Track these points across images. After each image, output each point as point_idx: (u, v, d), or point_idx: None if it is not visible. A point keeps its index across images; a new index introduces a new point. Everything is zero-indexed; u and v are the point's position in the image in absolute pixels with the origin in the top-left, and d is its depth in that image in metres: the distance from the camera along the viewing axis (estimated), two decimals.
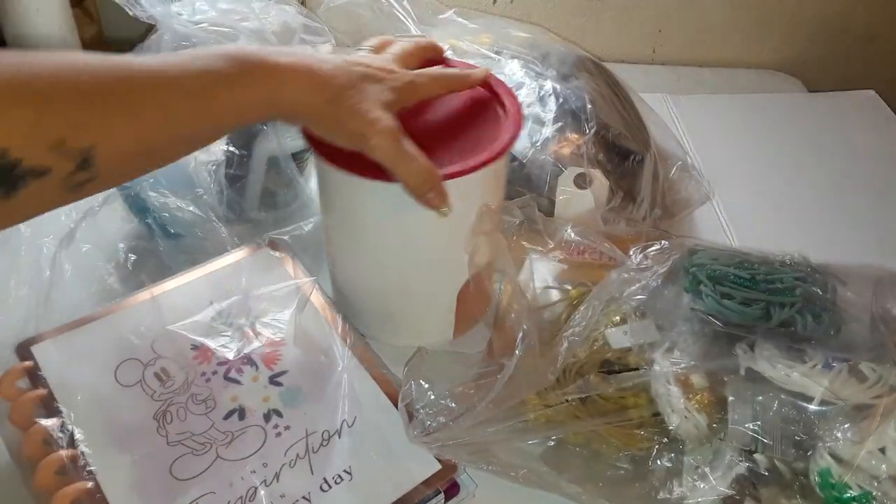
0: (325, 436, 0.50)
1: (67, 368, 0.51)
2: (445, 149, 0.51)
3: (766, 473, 0.47)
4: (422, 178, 0.47)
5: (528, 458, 0.50)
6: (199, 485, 0.46)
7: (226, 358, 0.53)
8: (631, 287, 0.53)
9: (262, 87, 0.43)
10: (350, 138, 0.47)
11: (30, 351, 0.52)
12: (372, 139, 0.46)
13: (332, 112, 0.46)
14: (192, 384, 0.52)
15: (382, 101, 0.47)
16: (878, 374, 0.47)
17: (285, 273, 0.59)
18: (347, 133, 0.47)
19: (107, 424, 0.49)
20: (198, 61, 0.42)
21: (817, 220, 0.79)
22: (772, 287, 0.52)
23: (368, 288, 0.58)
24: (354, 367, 0.54)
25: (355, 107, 0.46)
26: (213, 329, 0.55)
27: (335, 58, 0.48)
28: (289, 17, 0.64)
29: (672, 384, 0.49)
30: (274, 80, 0.44)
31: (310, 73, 0.45)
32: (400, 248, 0.54)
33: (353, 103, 0.46)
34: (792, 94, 1.04)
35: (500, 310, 0.56)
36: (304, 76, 0.45)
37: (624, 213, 0.66)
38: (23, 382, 0.50)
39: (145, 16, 0.59)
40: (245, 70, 0.43)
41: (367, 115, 0.46)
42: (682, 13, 1.06)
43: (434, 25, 0.79)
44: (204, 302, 0.57)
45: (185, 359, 0.53)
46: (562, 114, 0.69)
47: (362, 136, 0.46)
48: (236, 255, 0.60)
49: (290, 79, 0.44)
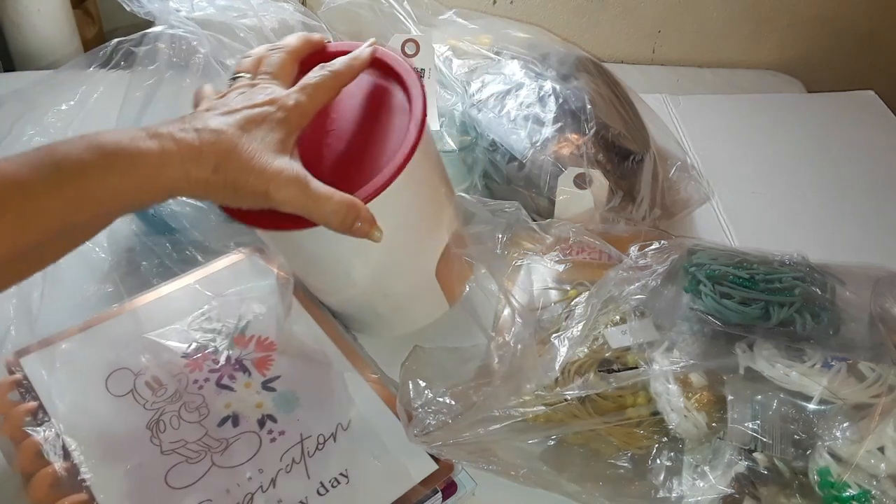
0: (320, 440, 0.50)
1: (57, 380, 0.50)
2: (358, 161, 0.49)
3: (765, 472, 0.47)
4: (342, 215, 0.44)
5: (528, 458, 0.50)
6: (195, 493, 0.46)
7: (218, 365, 0.53)
8: (630, 286, 0.53)
9: (131, 178, 0.39)
10: (253, 199, 0.43)
11: (19, 363, 0.51)
12: (277, 195, 0.43)
13: (222, 180, 0.42)
14: (184, 392, 0.51)
15: (274, 144, 0.43)
16: (876, 374, 0.47)
17: (276, 278, 0.59)
18: (248, 195, 0.43)
19: (99, 435, 0.48)
20: (57, 153, 0.38)
21: (816, 220, 0.79)
22: (771, 287, 0.52)
23: (350, 304, 0.58)
24: (348, 370, 0.54)
25: (247, 165, 0.42)
26: (204, 336, 0.55)
27: (207, 115, 0.43)
28: (287, 15, 0.64)
29: (671, 383, 0.49)
30: (140, 169, 0.39)
31: (179, 149, 0.40)
32: (363, 265, 0.53)
33: (242, 162, 0.42)
34: (791, 94, 1.04)
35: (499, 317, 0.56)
36: (174, 156, 0.40)
37: (624, 213, 0.66)
38: (14, 395, 0.50)
39: (143, 11, 0.59)
40: (108, 161, 0.39)
41: (263, 171, 0.42)
42: (681, 14, 1.06)
43: (434, 26, 0.79)
44: (194, 309, 0.56)
45: (176, 367, 0.53)
46: (561, 114, 0.69)
47: (266, 195, 0.43)
48: (226, 260, 0.60)
49: (159, 162, 0.40)
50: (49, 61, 0.91)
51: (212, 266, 0.60)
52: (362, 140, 0.50)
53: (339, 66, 0.49)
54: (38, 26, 0.88)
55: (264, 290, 0.58)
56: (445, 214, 0.55)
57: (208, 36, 0.60)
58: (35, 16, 0.88)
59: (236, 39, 0.61)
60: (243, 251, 0.61)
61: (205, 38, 0.59)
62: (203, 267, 0.60)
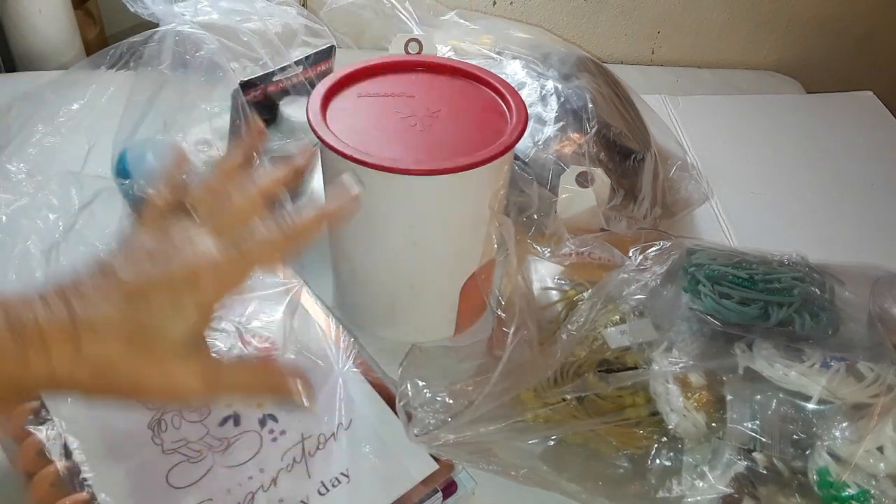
0: (321, 439, 0.50)
1: None
2: (455, 144, 0.52)
3: (764, 472, 0.47)
4: (268, 387, 0.40)
5: (528, 458, 0.50)
6: (197, 492, 0.46)
7: None
8: (630, 287, 0.53)
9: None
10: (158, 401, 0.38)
11: None
12: (190, 400, 0.38)
13: (102, 385, 0.34)
14: None
15: (179, 336, 0.35)
16: (875, 374, 0.47)
17: (277, 277, 0.59)
18: (152, 398, 0.37)
19: (101, 435, 0.48)
20: None
21: (815, 221, 0.79)
22: (770, 287, 0.52)
23: (375, 284, 0.58)
24: (349, 370, 0.54)
25: (134, 375, 0.34)
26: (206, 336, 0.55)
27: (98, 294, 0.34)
28: (290, 19, 0.64)
29: (671, 383, 0.49)
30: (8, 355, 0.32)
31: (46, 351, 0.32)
32: (409, 240, 0.54)
33: (128, 370, 0.33)
34: (790, 95, 1.04)
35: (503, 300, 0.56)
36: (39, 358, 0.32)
37: (625, 212, 0.67)
38: None
39: (146, 13, 0.59)
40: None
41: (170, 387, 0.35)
42: (681, 14, 1.07)
43: (436, 27, 0.79)
44: None
45: None
46: (563, 113, 0.69)
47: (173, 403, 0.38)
48: None
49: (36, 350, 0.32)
50: (50, 62, 0.91)
51: None
52: (461, 134, 0.53)
53: (301, 225, 0.40)
54: (40, 27, 0.89)
55: (267, 289, 0.58)
56: (490, 234, 0.56)
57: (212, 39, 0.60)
58: (36, 17, 0.88)
59: (240, 44, 0.61)
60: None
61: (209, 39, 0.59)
62: None
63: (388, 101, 0.55)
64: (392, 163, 0.48)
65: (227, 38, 0.60)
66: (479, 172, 0.50)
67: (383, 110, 0.54)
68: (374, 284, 0.58)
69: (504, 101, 0.56)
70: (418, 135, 0.52)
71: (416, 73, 0.58)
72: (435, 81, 0.57)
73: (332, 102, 0.54)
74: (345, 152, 0.49)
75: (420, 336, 0.60)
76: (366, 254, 0.57)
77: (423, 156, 0.50)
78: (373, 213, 0.53)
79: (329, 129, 0.51)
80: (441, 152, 0.50)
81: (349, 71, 0.56)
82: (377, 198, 0.52)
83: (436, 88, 0.57)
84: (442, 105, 0.55)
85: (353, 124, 0.52)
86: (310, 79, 0.64)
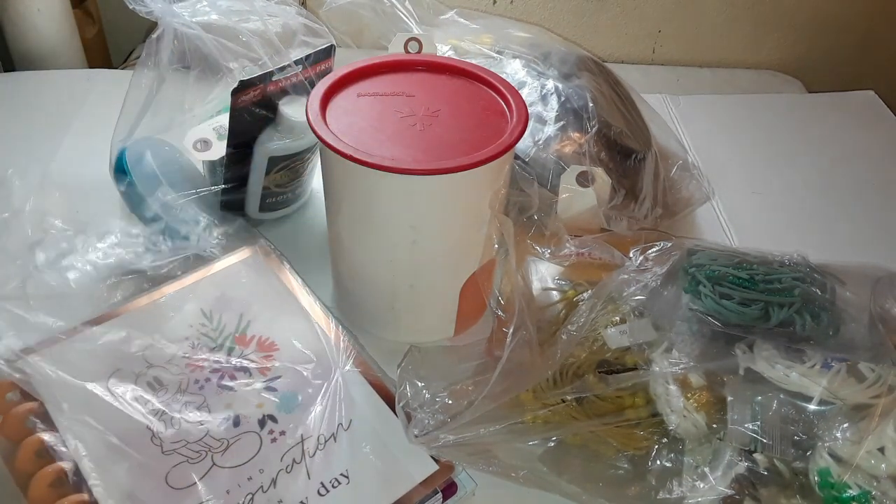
0: (320, 440, 0.50)
1: (59, 380, 0.50)
2: (455, 143, 0.52)
3: (765, 473, 0.47)
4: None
5: (528, 459, 0.50)
6: (196, 493, 0.46)
7: (219, 365, 0.53)
8: (630, 287, 0.53)
9: None
10: None
11: (20, 363, 0.51)
12: None
13: None
14: (185, 392, 0.51)
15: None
16: (876, 374, 0.47)
17: (276, 278, 0.59)
18: None
19: (101, 435, 0.48)
20: None
21: (816, 221, 0.79)
22: (770, 287, 0.52)
23: (375, 283, 0.58)
24: (349, 370, 0.54)
25: None
26: (205, 336, 0.55)
27: None
28: (289, 18, 0.64)
29: (671, 384, 0.49)
30: None
31: None
32: (409, 239, 0.54)
33: None
34: (791, 94, 1.04)
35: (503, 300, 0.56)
36: None
37: (626, 212, 0.67)
38: (14, 395, 0.50)
39: (145, 11, 0.59)
40: None
41: None
42: (681, 13, 1.06)
43: (436, 26, 0.79)
44: (196, 308, 0.56)
45: (177, 367, 0.53)
46: (564, 112, 0.69)
47: None
48: (228, 260, 0.60)
49: None
50: (49, 61, 0.91)
51: (213, 266, 0.60)
52: (462, 133, 0.53)
53: None
54: (38, 26, 0.89)
55: (266, 289, 0.58)
56: (490, 234, 0.56)
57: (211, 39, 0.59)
58: (35, 16, 0.88)
59: (239, 43, 0.61)
60: (245, 251, 0.61)
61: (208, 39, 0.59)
62: (205, 267, 0.60)
63: (388, 100, 0.55)
64: (392, 162, 0.48)
65: (227, 37, 0.60)
66: (480, 172, 0.50)
67: (383, 110, 0.54)
68: (373, 284, 0.58)
69: (504, 101, 0.55)
70: (418, 134, 0.52)
71: (415, 72, 0.58)
72: (435, 81, 0.57)
73: (331, 102, 0.54)
74: (345, 152, 0.49)
75: (420, 336, 0.59)
76: (365, 254, 0.57)
77: (422, 155, 0.50)
78: (373, 212, 0.53)
79: (329, 128, 0.51)
80: (441, 152, 0.50)
81: (349, 70, 0.56)
82: (377, 198, 0.52)
83: (436, 88, 0.57)
84: (442, 104, 0.55)
85: (353, 124, 0.52)
86: (309, 78, 0.64)
